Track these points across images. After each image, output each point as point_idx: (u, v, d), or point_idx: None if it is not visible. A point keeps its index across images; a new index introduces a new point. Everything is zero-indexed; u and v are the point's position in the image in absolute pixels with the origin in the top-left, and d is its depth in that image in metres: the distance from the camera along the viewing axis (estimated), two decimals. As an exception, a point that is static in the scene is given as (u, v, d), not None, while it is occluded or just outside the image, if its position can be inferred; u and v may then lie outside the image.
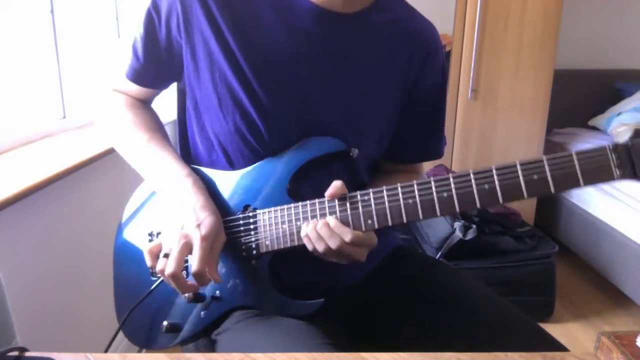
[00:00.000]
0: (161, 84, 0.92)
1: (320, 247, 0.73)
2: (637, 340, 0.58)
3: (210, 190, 0.84)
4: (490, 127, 2.47)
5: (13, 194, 1.07)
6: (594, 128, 2.76)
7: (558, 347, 0.77)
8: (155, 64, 0.87)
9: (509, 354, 0.61)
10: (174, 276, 0.73)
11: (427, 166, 2.43)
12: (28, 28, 1.49)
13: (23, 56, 1.46)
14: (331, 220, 0.73)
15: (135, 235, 0.92)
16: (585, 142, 2.59)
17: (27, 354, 0.61)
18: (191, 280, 0.75)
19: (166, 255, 0.75)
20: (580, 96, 2.84)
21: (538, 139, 2.49)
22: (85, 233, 1.46)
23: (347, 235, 0.71)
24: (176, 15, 0.80)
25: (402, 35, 0.85)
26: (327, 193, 0.74)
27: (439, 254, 2.00)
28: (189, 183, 0.81)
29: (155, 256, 0.78)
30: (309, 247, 0.75)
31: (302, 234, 0.75)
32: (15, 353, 0.61)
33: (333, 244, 0.72)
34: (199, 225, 0.75)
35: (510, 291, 2.00)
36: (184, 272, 0.79)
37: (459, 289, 0.89)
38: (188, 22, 0.80)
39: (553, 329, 0.91)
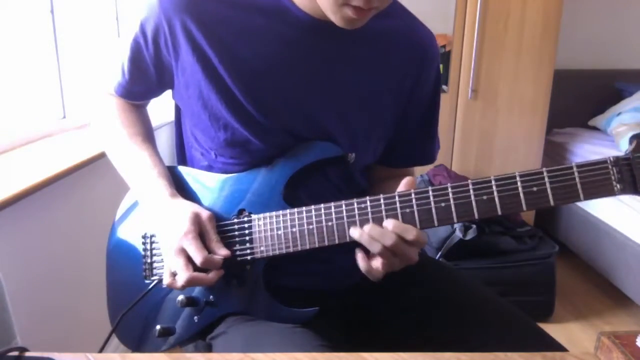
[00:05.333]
0: (152, 95, 0.92)
1: (375, 248, 0.70)
2: (637, 340, 0.58)
3: (204, 192, 0.84)
4: (490, 127, 2.47)
5: (13, 194, 1.07)
6: (594, 128, 2.76)
7: (557, 347, 0.77)
8: (143, 82, 0.87)
9: (509, 354, 0.62)
10: (191, 282, 0.75)
11: (428, 166, 2.43)
12: (28, 28, 1.49)
13: (23, 56, 1.46)
14: (389, 222, 0.69)
15: (129, 236, 0.91)
16: (585, 142, 2.59)
17: (27, 354, 0.62)
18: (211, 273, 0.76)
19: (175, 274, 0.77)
20: (580, 96, 2.84)
21: (538, 139, 2.49)
22: (85, 233, 1.46)
23: (411, 233, 0.68)
24: (163, 34, 0.79)
25: (399, 42, 0.85)
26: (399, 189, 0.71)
27: (439, 254, 2.00)
28: (160, 184, 0.82)
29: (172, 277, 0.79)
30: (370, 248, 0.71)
31: (355, 236, 0.71)
32: (15, 353, 0.61)
33: (388, 242, 0.69)
34: (180, 230, 0.76)
35: (510, 291, 2.00)
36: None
37: (458, 290, 0.89)
38: (175, 43, 0.79)
39: (553, 329, 0.92)
